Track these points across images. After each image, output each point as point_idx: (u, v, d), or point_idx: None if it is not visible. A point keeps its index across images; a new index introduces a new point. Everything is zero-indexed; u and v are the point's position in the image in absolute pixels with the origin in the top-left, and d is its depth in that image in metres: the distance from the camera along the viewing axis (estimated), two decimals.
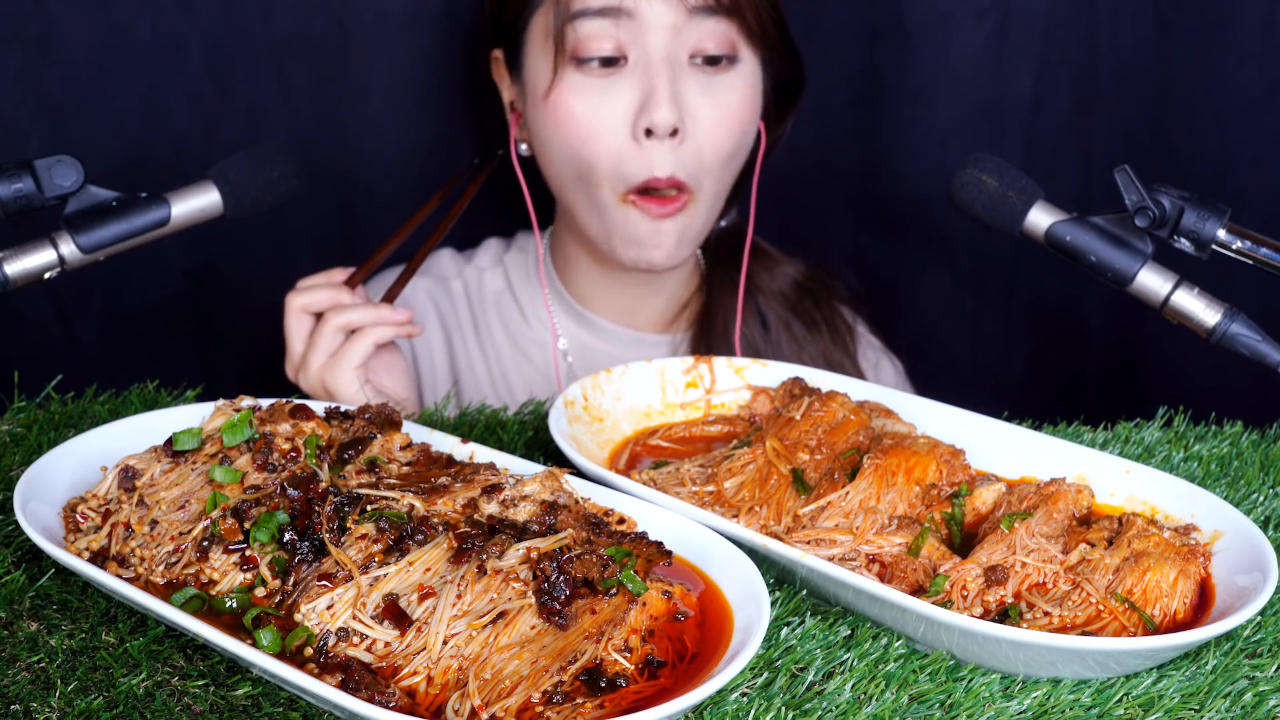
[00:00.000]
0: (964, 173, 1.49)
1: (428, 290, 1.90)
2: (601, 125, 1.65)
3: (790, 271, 1.92)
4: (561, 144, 1.69)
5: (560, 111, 1.67)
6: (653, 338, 1.89)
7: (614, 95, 1.65)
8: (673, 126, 1.63)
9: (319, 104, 1.93)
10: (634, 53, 1.64)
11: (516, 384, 1.88)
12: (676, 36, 1.64)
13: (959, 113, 2.06)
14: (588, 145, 1.66)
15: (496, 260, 1.94)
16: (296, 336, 1.60)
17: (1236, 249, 1.40)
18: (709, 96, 1.67)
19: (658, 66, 1.63)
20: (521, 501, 1.12)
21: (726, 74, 1.68)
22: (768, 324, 1.89)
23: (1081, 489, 1.24)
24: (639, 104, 1.64)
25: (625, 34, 1.63)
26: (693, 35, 1.65)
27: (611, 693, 0.99)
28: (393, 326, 1.59)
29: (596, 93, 1.65)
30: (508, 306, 1.91)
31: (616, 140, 1.65)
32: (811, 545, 1.19)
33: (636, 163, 1.66)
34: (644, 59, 1.64)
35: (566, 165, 1.71)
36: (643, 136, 1.64)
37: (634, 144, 1.65)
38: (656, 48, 1.63)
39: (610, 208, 1.69)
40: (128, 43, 1.84)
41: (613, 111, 1.65)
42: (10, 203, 1.38)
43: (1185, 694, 1.08)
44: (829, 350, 1.88)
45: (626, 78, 1.65)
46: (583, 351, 1.88)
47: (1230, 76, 2.00)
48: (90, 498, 1.20)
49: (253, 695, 1.04)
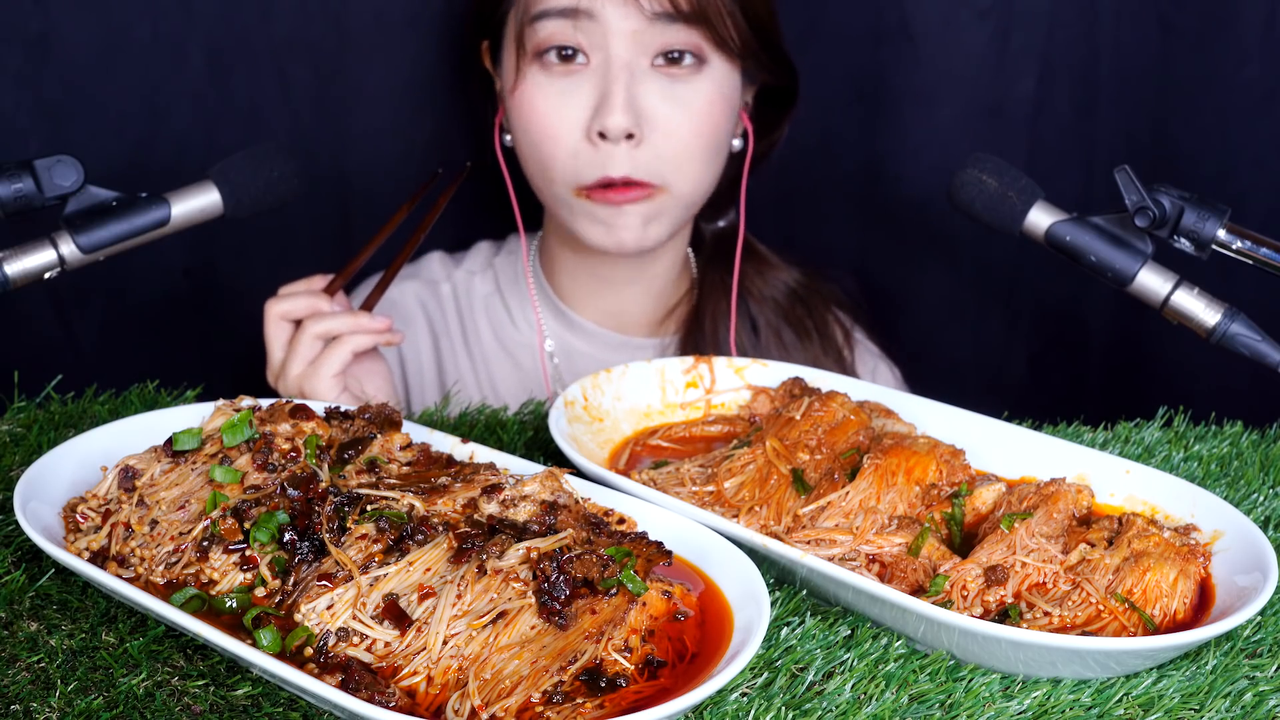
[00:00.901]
0: (964, 173, 1.49)
1: (416, 293, 1.90)
2: (560, 123, 1.67)
3: (785, 277, 1.92)
4: (525, 138, 1.72)
5: (524, 107, 1.70)
6: (639, 341, 1.89)
7: (573, 95, 1.67)
8: (626, 131, 1.64)
9: (318, 105, 1.93)
10: (595, 55, 1.66)
11: (503, 388, 1.88)
12: (637, 41, 1.65)
13: (961, 114, 2.06)
14: (547, 143, 1.69)
15: (486, 263, 1.94)
16: (276, 343, 1.60)
17: (1236, 249, 1.40)
18: (670, 99, 1.67)
19: (615, 71, 1.64)
20: (521, 501, 1.12)
21: (692, 77, 1.68)
22: (757, 328, 1.89)
23: (1081, 489, 1.24)
24: (595, 106, 1.66)
25: (585, 36, 1.65)
26: (656, 40, 1.65)
27: (611, 693, 0.99)
28: (371, 334, 1.59)
29: (556, 92, 1.67)
30: (496, 310, 1.91)
31: (573, 139, 1.67)
32: (811, 545, 1.19)
33: (591, 163, 1.67)
34: (603, 62, 1.65)
35: (531, 160, 1.74)
36: (597, 139, 1.66)
37: (589, 145, 1.67)
38: (616, 52, 1.65)
39: (568, 201, 1.71)
40: (128, 43, 1.84)
41: (571, 111, 1.67)
42: (10, 203, 1.38)
43: (1185, 694, 1.08)
44: (820, 359, 1.88)
45: (586, 79, 1.67)
46: (569, 354, 1.89)
47: (1231, 77, 2.00)
48: (90, 498, 1.20)
49: (253, 695, 1.04)
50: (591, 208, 1.70)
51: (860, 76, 2.05)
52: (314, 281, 1.63)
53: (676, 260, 1.89)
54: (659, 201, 1.71)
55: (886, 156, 2.09)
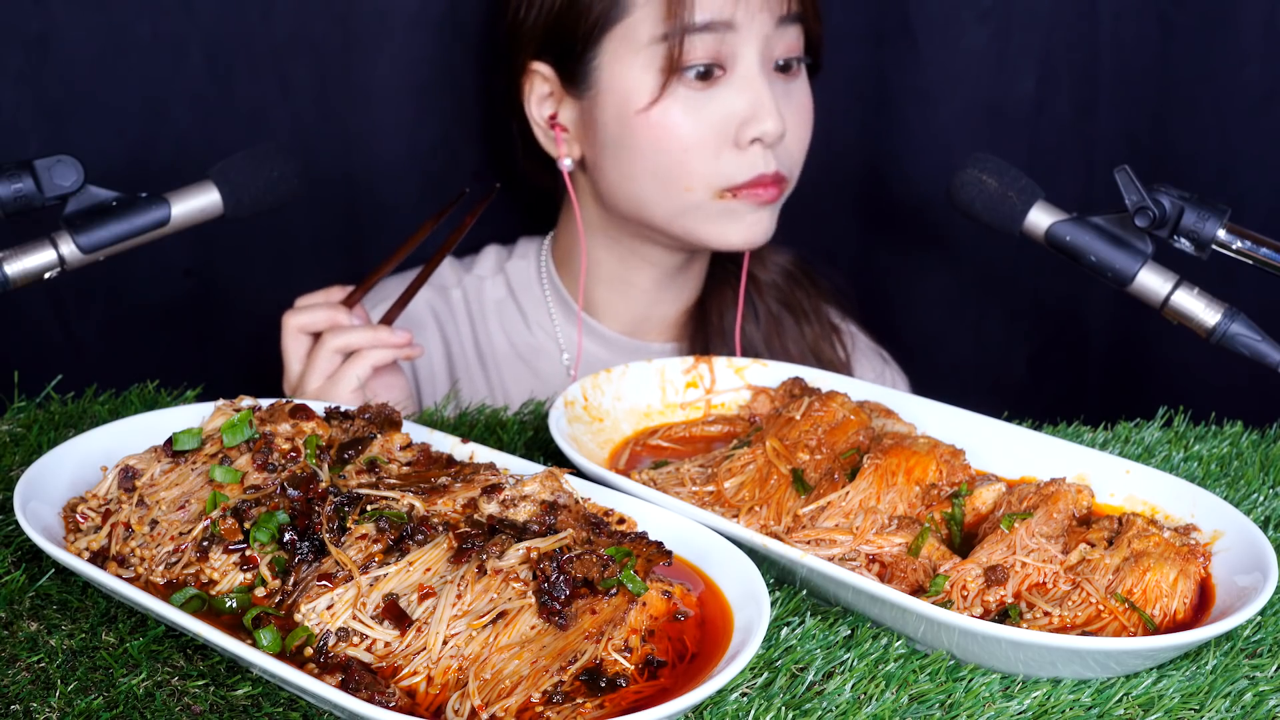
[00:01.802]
0: (964, 173, 1.49)
1: (427, 300, 1.90)
2: (707, 135, 1.67)
3: (780, 260, 1.93)
4: (655, 154, 1.69)
5: (665, 123, 1.67)
6: (657, 346, 1.90)
7: (716, 106, 1.67)
8: (782, 134, 1.67)
9: (320, 105, 1.93)
10: (731, 64, 1.67)
11: (516, 393, 1.87)
12: (768, 46, 1.68)
13: (962, 114, 2.06)
14: (690, 154, 1.67)
15: (497, 268, 1.93)
16: (294, 357, 1.59)
17: (1236, 249, 1.40)
18: (789, 100, 1.71)
19: (761, 79, 1.66)
20: (521, 501, 1.12)
21: (796, 78, 1.74)
22: (759, 315, 1.90)
23: (1081, 489, 1.24)
24: (743, 114, 1.66)
25: (725, 46, 1.66)
26: (778, 45, 1.69)
27: (611, 693, 0.99)
28: (391, 349, 1.58)
29: (700, 104, 1.66)
30: (510, 314, 1.91)
31: (720, 148, 1.67)
32: (811, 545, 1.19)
33: (738, 165, 1.68)
34: (744, 70, 1.66)
35: (653, 176, 1.70)
36: (747, 144, 1.67)
37: (735, 150, 1.68)
38: (755, 59, 1.66)
39: (704, 205, 1.70)
40: (128, 43, 1.84)
41: (716, 122, 1.67)
42: (10, 203, 1.38)
43: (1185, 694, 1.08)
44: (819, 342, 1.89)
45: (726, 88, 1.67)
46: (585, 360, 1.88)
47: (1231, 77, 2.00)
48: (90, 498, 1.20)
49: (253, 695, 1.04)
50: (735, 206, 1.70)
51: (861, 76, 2.05)
52: (332, 293, 1.62)
53: (706, 262, 1.90)
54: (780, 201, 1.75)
55: (887, 156, 2.09)
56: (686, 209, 1.71)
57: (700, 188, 1.69)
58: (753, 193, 1.69)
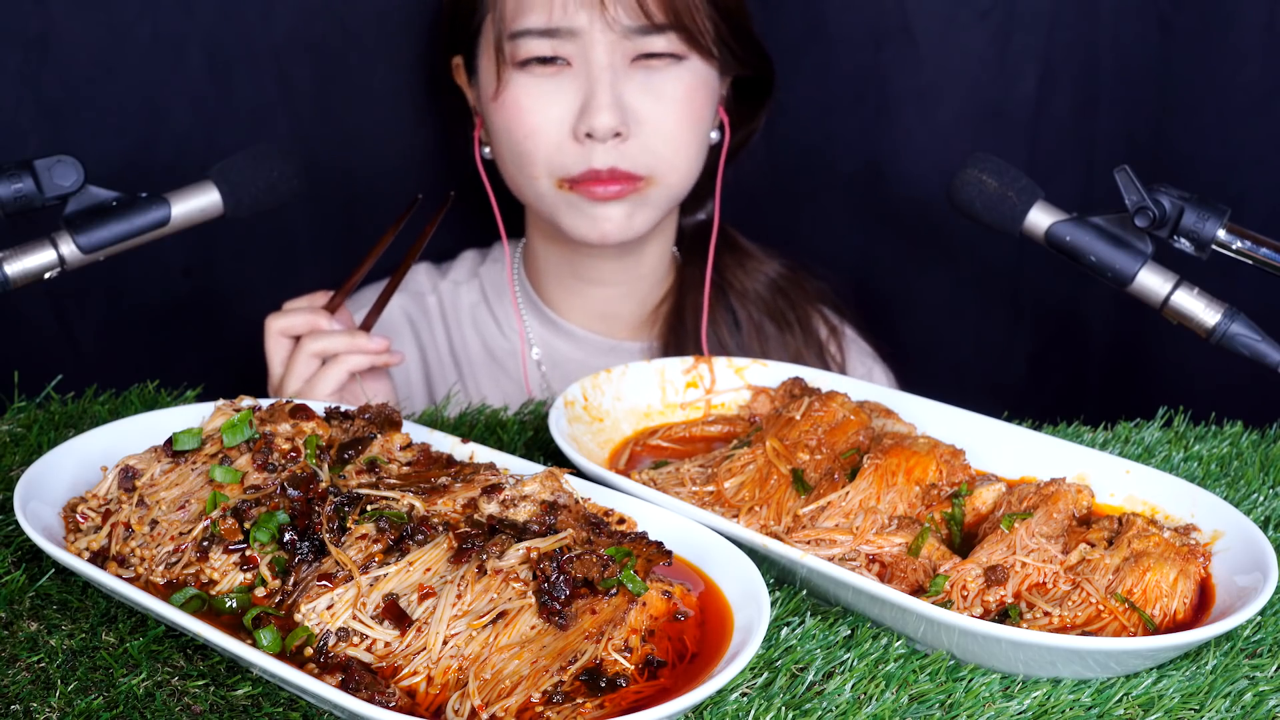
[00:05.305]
0: (964, 173, 1.49)
1: (402, 307, 1.91)
2: (545, 121, 1.69)
3: (766, 269, 1.93)
4: (507, 138, 1.73)
5: (508, 108, 1.70)
6: (628, 344, 1.90)
7: (557, 95, 1.68)
8: (613, 130, 1.66)
9: (320, 105, 1.93)
10: (577, 60, 1.68)
11: (492, 398, 1.87)
12: (617, 48, 1.67)
13: (961, 114, 2.06)
14: (531, 140, 1.70)
15: (472, 273, 1.94)
16: (276, 359, 1.61)
17: (1236, 249, 1.40)
18: (652, 93, 1.70)
19: (598, 73, 1.66)
20: (521, 501, 1.12)
21: (671, 68, 1.71)
22: (739, 322, 1.89)
23: (1081, 489, 1.24)
24: (580, 106, 1.67)
25: (566, 48, 1.67)
26: (634, 48, 1.68)
27: (611, 693, 0.99)
28: (368, 355, 1.59)
29: (540, 92, 1.69)
30: (484, 319, 1.92)
31: (558, 136, 1.69)
32: (811, 545, 1.19)
33: (576, 158, 1.69)
34: (583, 65, 1.67)
35: (511, 160, 1.74)
36: (584, 137, 1.67)
37: (575, 142, 1.69)
38: (600, 55, 1.66)
39: (551, 195, 1.72)
40: (128, 43, 1.84)
41: (555, 109, 1.68)
42: (10, 203, 1.38)
43: (1185, 694, 1.08)
44: (801, 352, 1.89)
45: (570, 79, 1.68)
46: (556, 361, 1.89)
47: (1231, 77, 2.00)
48: (90, 498, 1.20)
49: (253, 695, 1.04)
50: (575, 200, 1.71)
51: (861, 77, 2.05)
52: (316, 298, 1.63)
53: (663, 259, 1.89)
54: (645, 194, 1.72)
55: (887, 157, 2.09)
56: (541, 196, 1.74)
57: (543, 176, 1.72)
58: (587, 189, 1.70)
